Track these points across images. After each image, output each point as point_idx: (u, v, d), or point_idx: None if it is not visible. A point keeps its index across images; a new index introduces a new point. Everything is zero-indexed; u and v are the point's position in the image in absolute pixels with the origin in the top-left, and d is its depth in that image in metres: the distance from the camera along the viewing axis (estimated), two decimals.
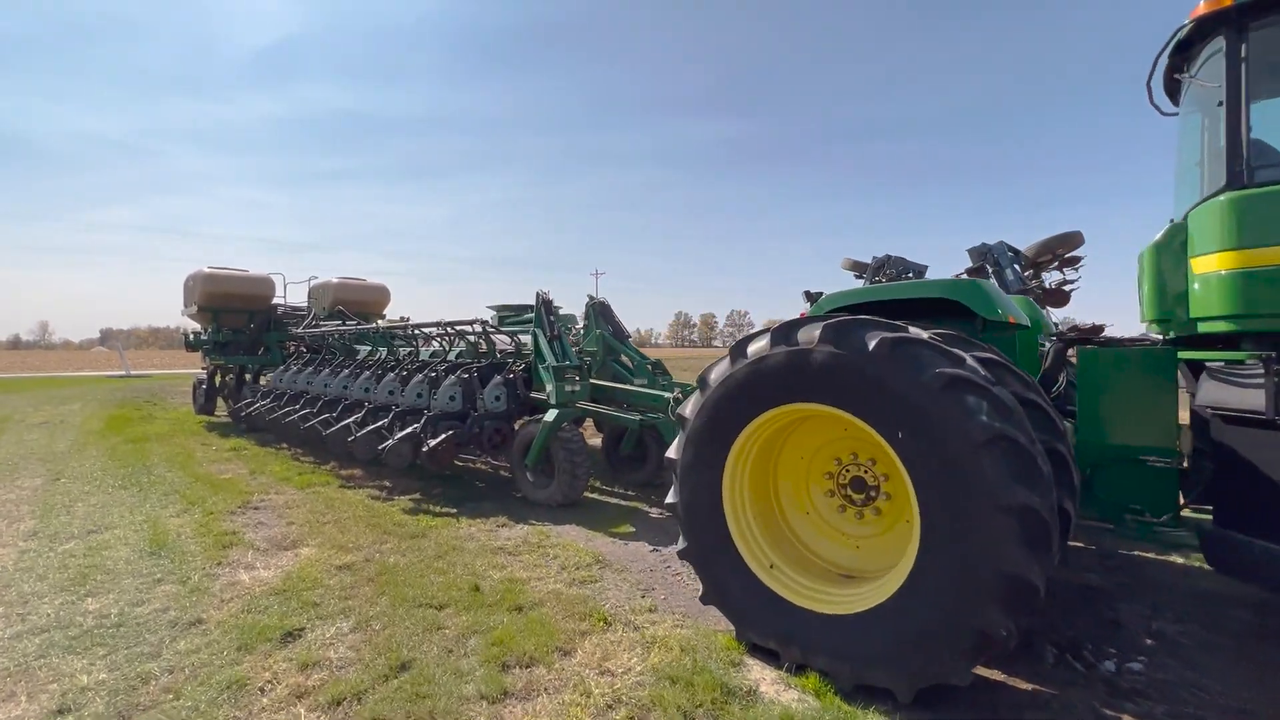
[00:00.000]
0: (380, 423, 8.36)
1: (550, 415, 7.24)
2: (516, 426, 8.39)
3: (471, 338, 9.16)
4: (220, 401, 16.10)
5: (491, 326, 8.47)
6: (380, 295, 17.18)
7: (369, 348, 11.89)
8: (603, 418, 7.71)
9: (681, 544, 4.19)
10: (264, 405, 11.13)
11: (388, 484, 8.31)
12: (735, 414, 3.90)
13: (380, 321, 15.67)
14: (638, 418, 7.60)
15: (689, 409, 4.15)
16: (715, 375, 4.01)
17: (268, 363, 15.08)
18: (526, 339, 8.97)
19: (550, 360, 7.61)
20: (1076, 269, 13.61)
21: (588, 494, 7.70)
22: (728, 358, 3.99)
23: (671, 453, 4.24)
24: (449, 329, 8.92)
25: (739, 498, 4.08)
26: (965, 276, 13.96)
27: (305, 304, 16.40)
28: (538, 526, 6.50)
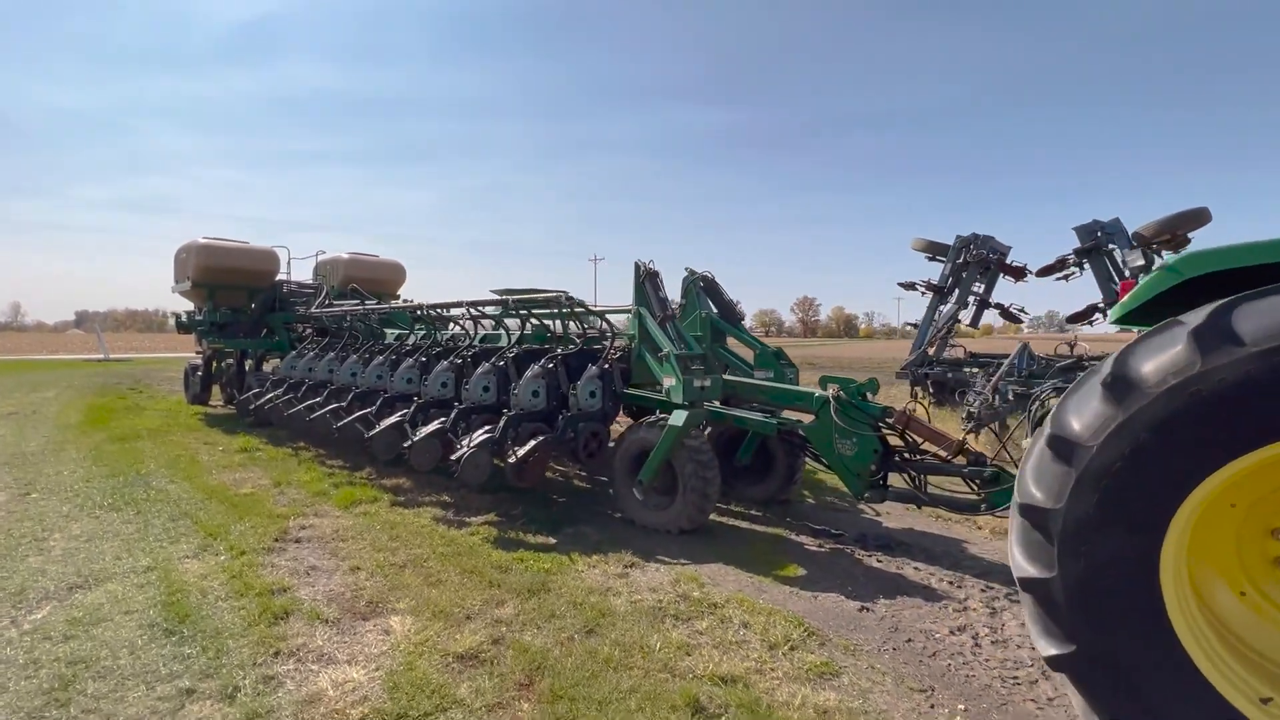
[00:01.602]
0: (437, 423, 6.60)
1: (676, 418, 5.54)
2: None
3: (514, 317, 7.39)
4: (214, 390, 14.17)
5: (580, 305, 6.72)
6: (395, 273, 15.33)
7: (397, 331, 10.08)
8: (738, 422, 6.03)
9: (1056, 645, 2.52)
10: (280, 398, 9.27)
11: (447, 498, 6.57)
12: (1211, 441, 2.25)
13: (399, 299, 13.83)
14: (775, 421, 5.96)
15: (1080, 423, 2.48)
16: (1156, 369, 2.32)
17: (273, 347, 13.16)
18: (616, 321, 7.26)
19: (668, 347, 5.90)
20: (1179, 253, 12.15)
21: None
22: (1181, 339, 2.31)
23: (1039, 498, 2.56)
24: (521, 310, 7.15)
25: (1181, 579, 2.44)
26: (1070, 257, 12.48)
27: (312, 281, 14.48)
28: (678, 567, 4.84)
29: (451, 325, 9.69)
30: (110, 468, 7.37)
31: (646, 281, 6.62)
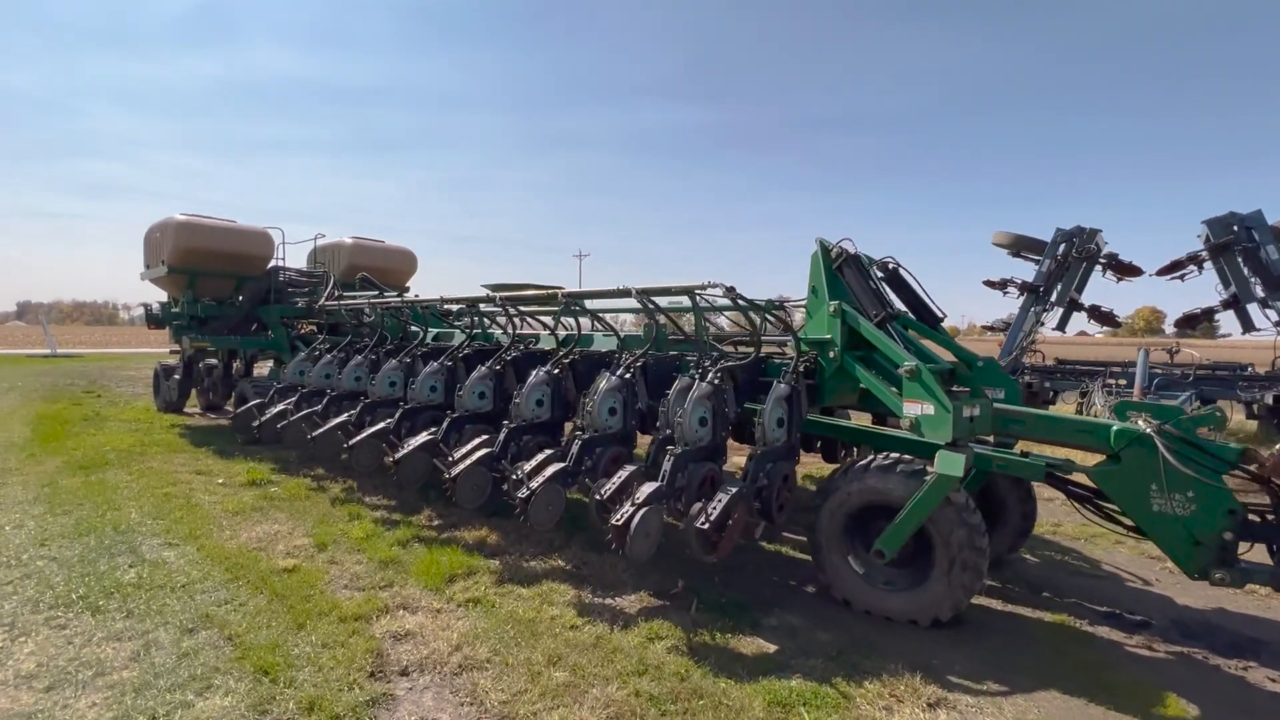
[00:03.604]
0: (544, 455, 4.70)
1: (948, 465, 3.74)
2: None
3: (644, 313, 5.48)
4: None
5: (741, 298, 4.82)
6: (405, 261, 13.25)
7: (436, 330, 8.04)
8: (1007, 467, 4.24)
9: None
10: (297, 413, 7.14)
11: (563, 563, 4.68)
12: None
13: (408, 291, 11.64)
14: (1044, 462, 4.22)
15: None
16: None
17: (269, 346, 10.92)
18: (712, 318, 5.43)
19: (911, 360, 4.09)
20: None
21: None
22: None
23: None
24: (648, 301, 5.21)
25: None
26: (1204, 254, 11.09)
27: (314, 268, 12.28)
28: (1003, 701, 3.08)
29: (495, 323, 7.78)
30: (74, 519, 5.19)
31: (845, 267, 4.80)
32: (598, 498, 4.27)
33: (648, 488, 4.01)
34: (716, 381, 4.56)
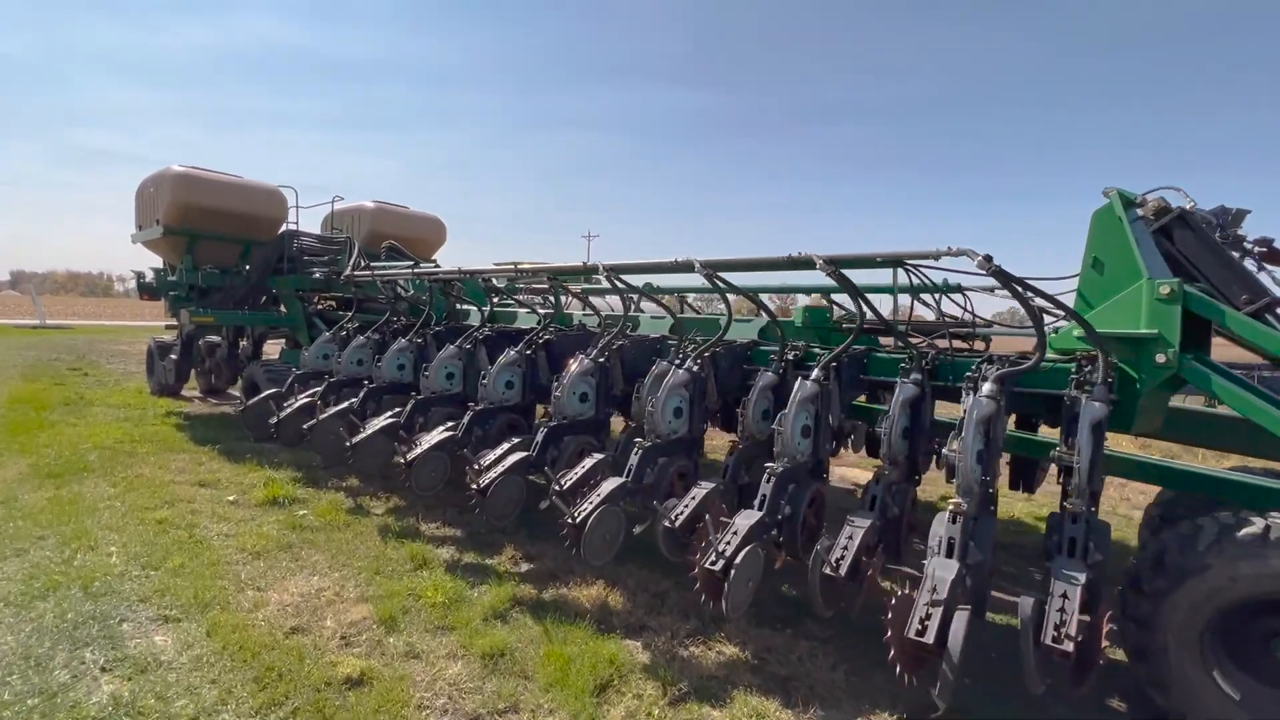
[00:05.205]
0: (712, 494, 3.19)
1: None
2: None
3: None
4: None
5: (1009, 275, 3.23)
6: (434, 230, 11.60)
7: (489, 310, 6.44)
8: None
9: None
10: (325, 410, 5.54)
11: (735, 650, 3.17)
12: None
13: (434, 264, 9.86)
14: None
15: None
16: None
17: (282, 322, 9.27)
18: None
19: None
20: None
21: None
22: None
23: None
24: (841, 275, 3.60)
25: None
26: None
27: (335, 234, 10.62)
28: None
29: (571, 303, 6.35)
30: (29, 565, 3.61)
31: (1174, 229, 3.24)
32: (827, 571, 2.76)
33: (944, 570, 2.46)
34: (998, 397, 3.00)
